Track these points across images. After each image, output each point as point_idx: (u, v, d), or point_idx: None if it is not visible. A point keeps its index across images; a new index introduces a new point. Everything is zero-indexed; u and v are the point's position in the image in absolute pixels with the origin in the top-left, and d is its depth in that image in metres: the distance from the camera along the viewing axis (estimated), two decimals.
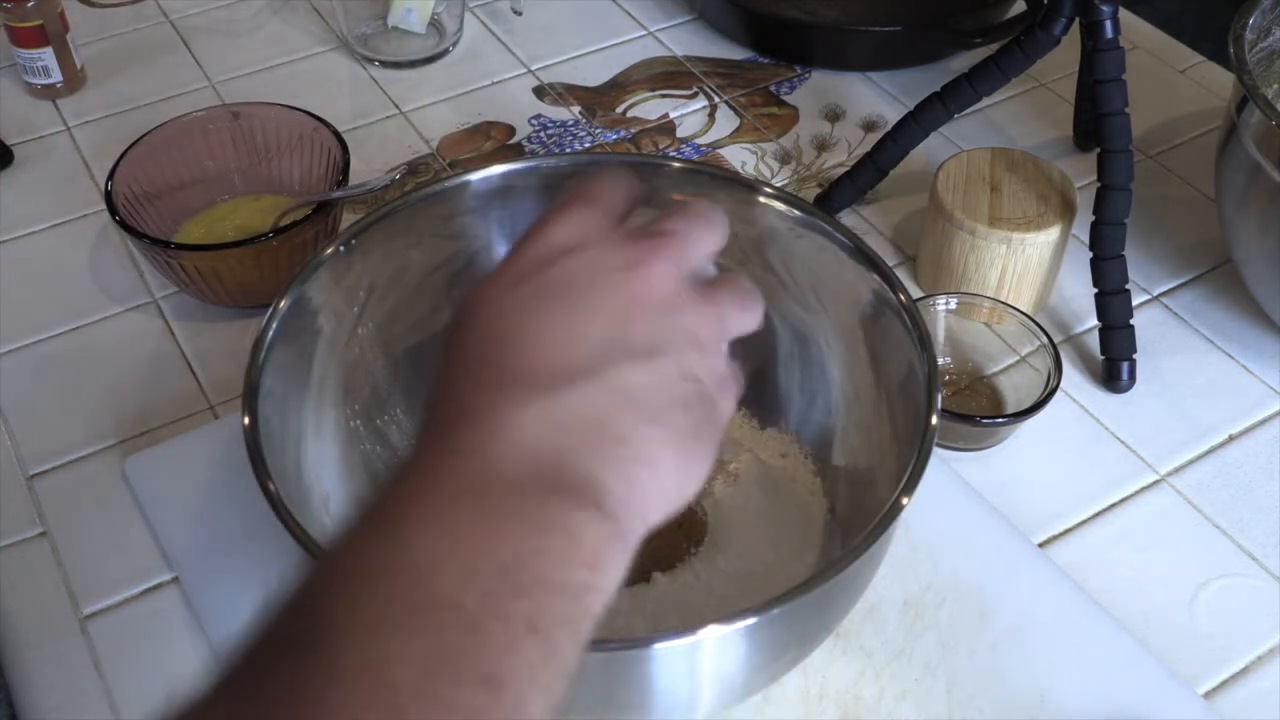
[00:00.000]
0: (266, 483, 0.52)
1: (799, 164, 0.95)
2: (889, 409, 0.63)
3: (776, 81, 1.03)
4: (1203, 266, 0.87)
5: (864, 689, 0.62)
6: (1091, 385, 0.79)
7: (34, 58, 0.97)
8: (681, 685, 0.52)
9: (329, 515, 0.60)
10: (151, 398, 0.77)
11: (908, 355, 0.59)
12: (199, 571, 0.67)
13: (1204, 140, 0.97)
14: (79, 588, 0.67)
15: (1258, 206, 0.74)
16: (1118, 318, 0.77)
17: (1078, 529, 0.71)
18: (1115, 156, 0.75)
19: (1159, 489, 0.73)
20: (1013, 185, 0.80)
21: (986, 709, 0.62)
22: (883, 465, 0.62)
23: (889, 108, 1.00)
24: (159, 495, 0.71)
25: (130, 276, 0.85)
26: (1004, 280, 0.79)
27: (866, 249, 0.62)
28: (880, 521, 0.52)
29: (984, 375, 0.78)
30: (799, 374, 0.69)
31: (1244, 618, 0.67)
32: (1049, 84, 1.02)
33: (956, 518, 0.69)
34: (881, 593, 0.66)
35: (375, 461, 0.66)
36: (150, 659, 0.64)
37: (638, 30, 1.08)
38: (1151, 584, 0.68)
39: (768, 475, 0.68)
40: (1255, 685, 0.64)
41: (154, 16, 1.09)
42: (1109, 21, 0.74)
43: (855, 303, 0.64)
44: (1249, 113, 0.72)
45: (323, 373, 0.63)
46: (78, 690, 0.63)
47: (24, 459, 0.74)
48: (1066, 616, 0.65)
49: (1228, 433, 0.76)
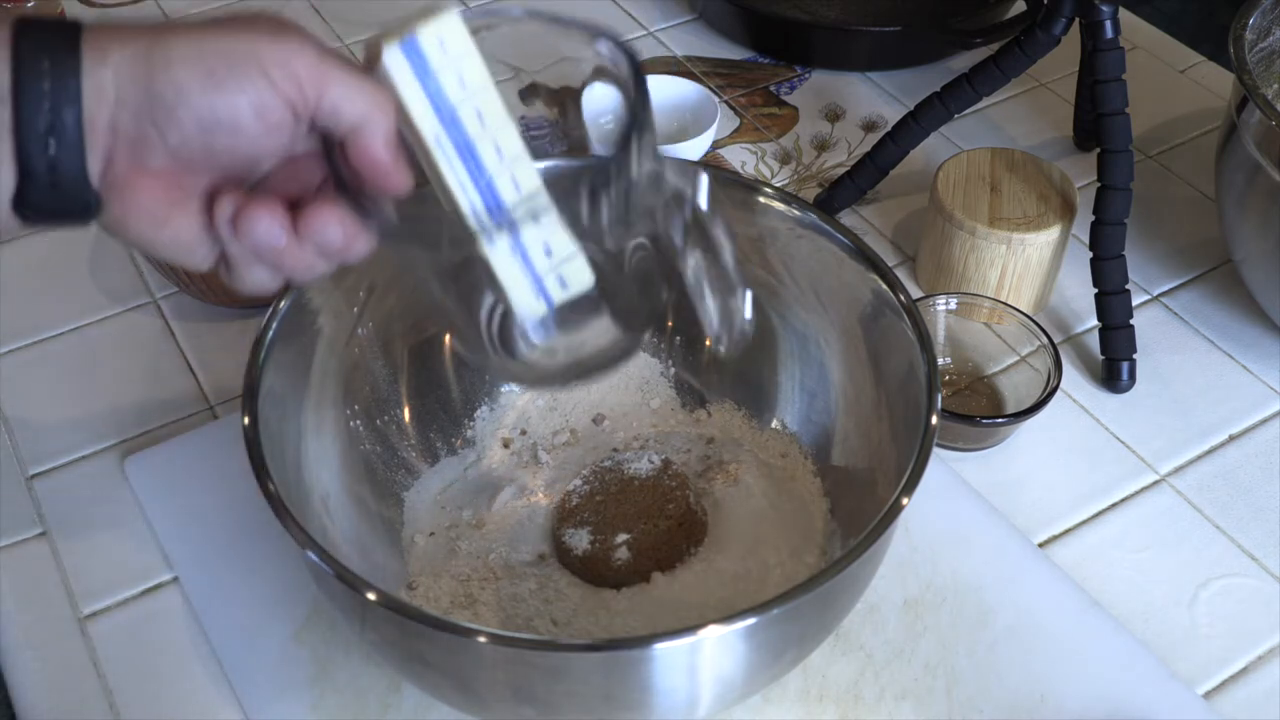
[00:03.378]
0: (266, 483, 0.52)
1: (799, 164, 0.95)
2: (889, 409, 0.63)
3: (776, 81, 1.03)
4: (1203, 266, 0.87)
5: (864, 689, 0.62)
6: (1091, 385, 0.79)
7: None
8: (681, 685, 0.52)
9: (329, 515, 0.60)
10: (151, 398, 0.77)
11: (908, 355, 0.59)
12: (199, 571, 0.67)
13: (1204, 140, 0.97)
14: (79, 588, 0.67)
15: (1258, 206, 0.74)
16: (1118, 318, 0.77)
17: (1078, 529, 0.71)
18: (1115, 156, 0.75)
19: (1159, 489, 0.73)
20: (1013, 185, 0.80)
21: (986, 709, 0.62)
22: (883, 465, 0.62)
23: (889, 108, 1.00)
24: (159, 495, 0.71)
25: (130, 276, 0.85)
26: (1004, 280, 0.79)
27: (866, 249, 0.62)
28: (880, 521, 0.52)
29: (984, 375, 0.78)
30: (799, 374, 0.69)
31: (1244, 618, 0.67)
32: (1049, 84, 1.02)
33: (956, 518, 0.69)
34: (881, 593, 0.66)
35: (375, 461, 0.66)
36: (150, 659, 0.64)
37: (638, 30, 1.08)
38: (1151, 584, 0.68)
39: (768, 475, 0.68)
40: (1255, 685, 0.64)
41: (154, 17, 1.09)
42: (1109, 21, 0.74)
43: (855, 303, 0.64)
44: (1249, 113, 0.72)
45: (323, 373, 0.63)
46: (78, 690, 0.63)
47: (24, 459, 0.74)
48: (1066, 616, 0.65)
49: (1228, 433, 0.76)
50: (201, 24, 0.45)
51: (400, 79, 0.46)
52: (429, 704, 0.61)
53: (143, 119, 0.43)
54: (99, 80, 0.42)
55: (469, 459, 0.70)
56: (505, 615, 0.62)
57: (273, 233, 0.46)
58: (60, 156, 0.43)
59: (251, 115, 0.44)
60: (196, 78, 0.43)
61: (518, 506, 0.68)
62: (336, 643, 0.64)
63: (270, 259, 0.47)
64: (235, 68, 0.43)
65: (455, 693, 0.55)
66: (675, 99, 0.94)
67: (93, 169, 0.44)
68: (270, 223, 0.46)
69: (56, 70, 0.42)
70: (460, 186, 0.47)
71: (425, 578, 0.64)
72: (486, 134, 0.47)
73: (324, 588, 0.55)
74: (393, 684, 0.62)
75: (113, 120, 0.43)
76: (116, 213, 0.45)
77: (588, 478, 0.67)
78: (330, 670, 0.63)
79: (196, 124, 0.44)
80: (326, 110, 0.45)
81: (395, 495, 0.67)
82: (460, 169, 0.47)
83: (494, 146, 0.47)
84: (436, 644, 0.51)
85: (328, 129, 0.46)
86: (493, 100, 0.47)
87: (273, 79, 0.44)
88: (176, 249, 0.47)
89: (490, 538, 0.66)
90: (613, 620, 0.62)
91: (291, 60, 0.44)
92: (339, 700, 0.62)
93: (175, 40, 0.43)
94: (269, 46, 0.44)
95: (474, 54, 0.47)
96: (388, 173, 0.47)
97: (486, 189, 0.47)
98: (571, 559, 0.64)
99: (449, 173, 0.47)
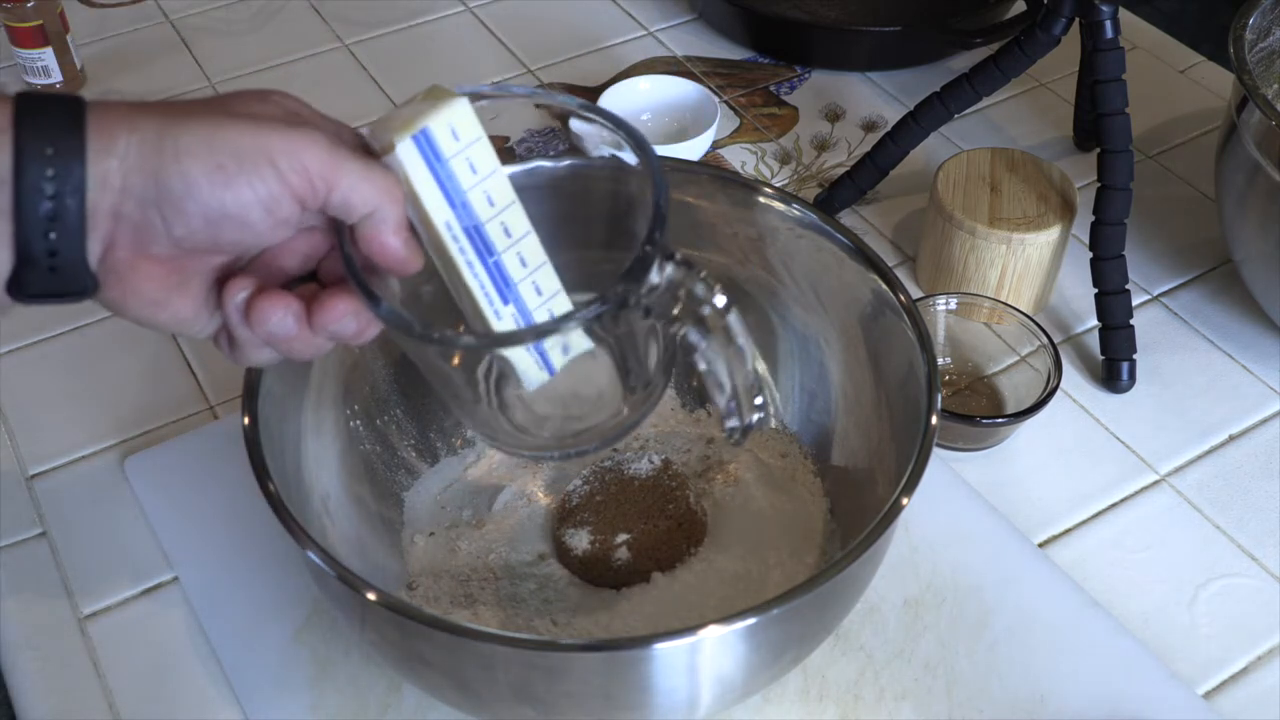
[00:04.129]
0: (266, 483, 0.52)
1: (799, 164, 0.95)
2: (889, 409, 0.63)
3: (776, 81, 1.03)
4: (1203, 266, 0.87)
5: (864, 689, 0.62)
6: (1091, 385, 0.79)
7: (34, 58, 0.97)
8: (681, 685, 0.52)
9: (329, 515, 0.60)
10: (151, 398, 0.77)
11: (908, 355, 0.59)
12: (199, 571, 0.67)
13: (1204, 140, 0.97)
14: (79, 588, 0.67)
15: (1258, 206, 0.74)
16: (1118, 318, 0.77)
17: (1078, 529, 0.71)
18: (1115, 156, 0.75)
19: (1159, 489, 0.73)
20: (1013, 185, 0.80)
21: (986, 709, 0.62)
22: (883, 465, 0.62)
23: (889, 108, 1.00)
24: (159, 495, 0.71)
25: None
26: (1004, 280, 0.79)
27: (866, 249, 0.62)
28: (880, 521, 0.52)
29: (984, 375, 0.78)
30: (799, 374, 0.69)
31: (1244, 618, 0.67)
32: (1049, 84, 1.02)
33: (956, 518, 0.69)
34: (881, 593, 0.66)
35: (375, 461, 0.66)
36: (150, 659, 0.64)
37: (638, 30, 1.08)
38: (1151, 584, 0.68)
39: (768, 475, 0.68)
40: (1255, 685, 0.64)
41: (154, 16, 1.09)
42: (1109, 21, 0.74)
43: (855, 303, 0.64)
44: (1249, 113, 0.72)
45: (322, 373, 0.63)
46: (78, 690, 0.63)
47: (24, 459, 0.74)
48: (1066, 616, 0.65)
49: (1228, 433, 0.76)
50: (212, 107, 0.44)
51: (414, 171, 0.46)
52: (429, 704, 0.61)
53: (148, 209, 0.43)
54: (104, 169, 0.42)
55: (469, 459, 0.70)
56: (505, 615, 0.62)
57: (286, 324, 0.46)
58: (60, 243, 0.42)
59: (260, 211, 0.44)
60: (206, 172, 0.42)
61: (518, 506, 0.68)
62: (336, 643, 0.64)
63: (281, 346, 0.47)
64: (245, 163, 0.43)
65: (455, 693, 0.55)
66: (675, 99, 0.94)
67: (92, 254, 0.43)
68: (285, 314, 0.46)
69: (60, 157, 0.41)
70: (469, 266, 0.48)
71: (425, 578, 0.64)
72: (495, 215, 0.48)
73: (324, 588, 0.55)
74: (393, 684, 0.62)
75: (116, 208, 0.42)
76: (115, 295, 0.45)
77: (588, 478, 0.67)
78: (330, 670, 0.63)
79: (203, 218, 0.43)
80: (336, 203, 0.45)
81: (395, 495, 0.67)
82: (469, 250, 0.48)
83: (502, 227, 0.48)
84: (436, 644, 0.51)
85: (338, 217, 0.46)
86: (501, 181, 0.48)
87: (282, 174, 0.43)
88: (175, 326, 0.47)
89: (490, 538, 0.66)
90: (613, 620, 0.62)
91: (302, 154, 0.43)
92: (339, 700, 0.62)
93: (185, 129, 0.42)
94: (281, 140, 0.43)
95: (484, 139, 0.47)
96: (400, 259, 0.46)
97: (495, 268, 0.48)
98: (571, 559, 0.64)
99: (458, 255, 0.48)
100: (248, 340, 0.47)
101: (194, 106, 0.44)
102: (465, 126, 0.46)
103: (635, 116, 0.94)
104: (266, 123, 0.44)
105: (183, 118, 0.43)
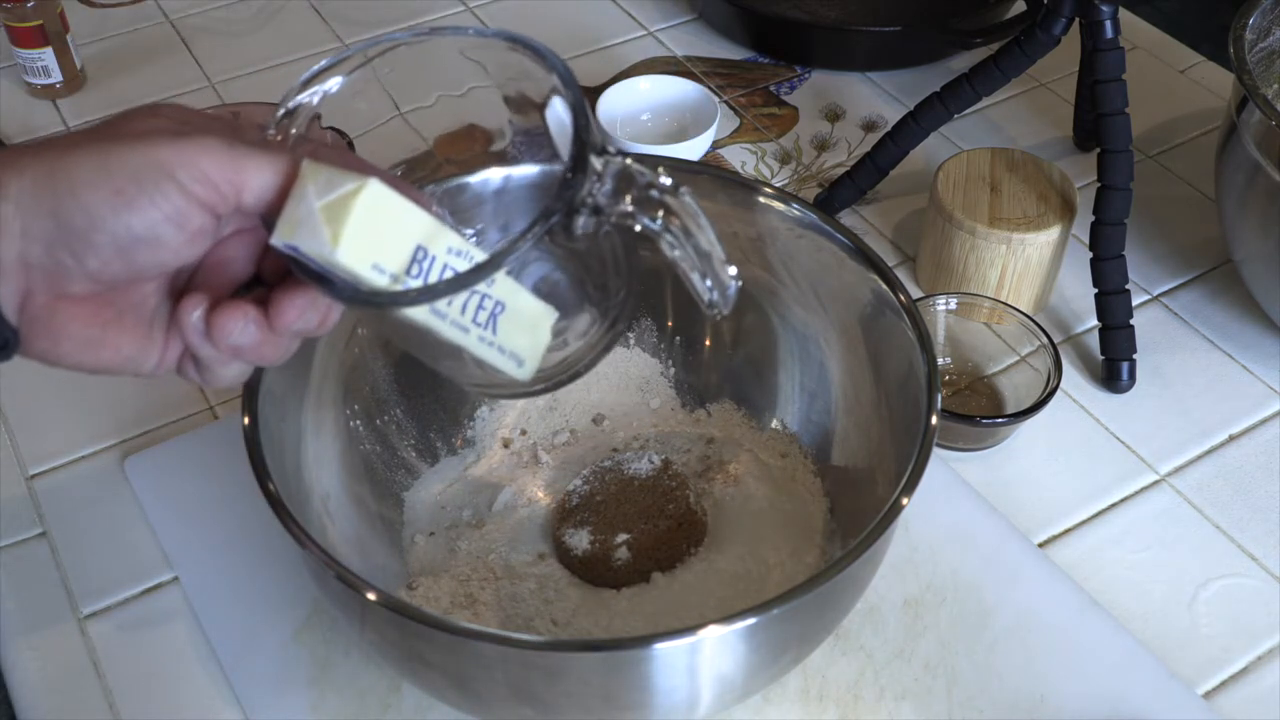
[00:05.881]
0: (266, 483, 0.52)
1: (799, 164, 0.95)
2: (889, 409, 0.63)
3: (776, 81, 1.03)
4: (1203, 266, 0.87)
5: (864, 689, 0.62)
6: (1091, 385, 0.79)
7: (34, 58, 0.97)
8: (681, 685, 0.52)
9: (329, 515, 0.60)
10: (151, 398, 0.77)
11: (908, 355, 0.59)
12: (199, 571, 0.67)
13: (1204, 140, 0.97)
14: (79, 588, 0.67)
15: (1258, 206, 0.74)
16: (1118, 318, 0.77)
17: (1078, 529, 0.71)
18: (1115, 156, 0.75)
19: (1159, 489, 0.73)
20: (1013, 185, 0.80)
21: (986, 709, 0.62)
22: (883, 465, 0.62)
23: (889, 108, 1.00)
24: (159, 495, 0.71)
25: None
26: (1004, 280, 0.79)
27: (866, 249, 0.62)
28: (880, 521, 0.52)
29: (984, 375, 0.78)
30: (799, 374, 0.69)
31: (1244, 618, 0.67)
32: (1049, 84, 1.02)
33: (956, 518, 0.69)
34: (881, 593, 0.66)
35: (375, 461, 0.66)
36: (150, 659, 0.64)
37: (638, 30, 1.08)
38: (1151, 584, 0.68)
39: (768, 475, 0.68)
40: (1255, 685, 0.64)
41: (154, 16, 1.09)
42: (1109, 21, 0.74)
43: (855, 303, 0.64)
44: (1249, 113, 0.72)
45: (323, 373, 0.63)
46: (78, 690, 0.63)
47: (24, 459, 0.74)
48: (1066, 616, 0.65)
49: (1228, 433, 0.76)
50: (99, 134, 0.42)
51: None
52: (429, 704, 0.61)
53: (56, 249, 0.41)
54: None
55: (469, 459, 0.70)
56: (505, 615, 0.62)
57: (248, 332, 0.44)
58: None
59: (170, 228, 0.42)
60: (105, 199, 0.41)
61: (518, 506, 0.68)
62: (336, 643, 0.64)
63: (249, 356, 0.46)
64: (144, 183, 0.41)
65: (455, 693, 0.55)
66: (675, 99, 0.94)
67: (8, 306, 0.42)
68: (245, 323, 0.44)
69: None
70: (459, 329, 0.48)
71: (425, 578, 0.64)
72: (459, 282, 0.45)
73: (324, 588, 0.55)
74: (393, 684, 0.62)
75: (22, 255, 0.41)
76: (44, 345, 0.43)
77: (588, 478, 0.67)
78: (330, 670, 0.63)
79: (114, 247, 0.41)
80: (252, 202, 0.43)
81: (395, 495, 0.67)
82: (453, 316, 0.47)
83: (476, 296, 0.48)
84: (436, 644, 0.51)
85: (260, 214, 0.44)
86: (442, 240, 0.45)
87: (183, 186, 0.41)
88: (121, 365, 0.45)
89: (490, 538, 0.66)
90: (613, 620, 0.62)
91: (199, 161, 0.41)
92: (339, 700, 0.62)
93: (75, 161, 0.41)
94: (173, 152, 0.41)
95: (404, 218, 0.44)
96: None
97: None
98: (571, 559, 0.64)
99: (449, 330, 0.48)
100: (213, 358, 0.46)
101: (80, 137, 0.42)
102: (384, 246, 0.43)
103: (635, 116, 0.94)
104: (157, 137, 0.42)
105: (70, 150, 0.41)
